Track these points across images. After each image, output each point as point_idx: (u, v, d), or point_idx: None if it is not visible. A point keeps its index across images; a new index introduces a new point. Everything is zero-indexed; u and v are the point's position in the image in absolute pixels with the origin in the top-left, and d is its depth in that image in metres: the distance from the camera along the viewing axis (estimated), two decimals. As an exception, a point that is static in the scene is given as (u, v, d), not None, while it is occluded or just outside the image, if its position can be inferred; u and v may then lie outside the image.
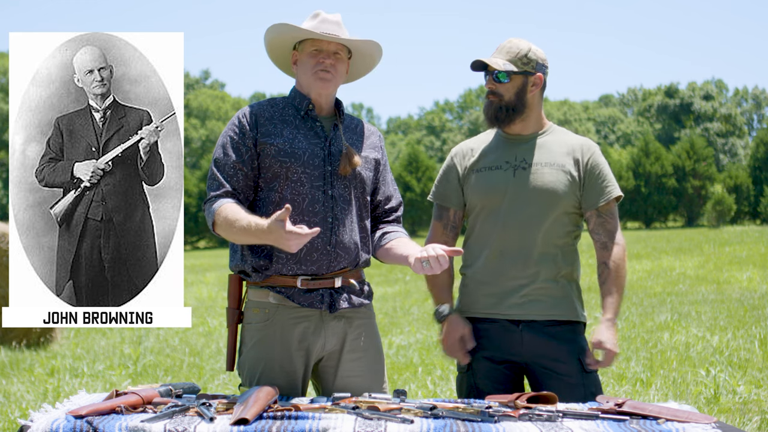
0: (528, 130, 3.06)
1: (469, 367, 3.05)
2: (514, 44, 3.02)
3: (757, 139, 47.25)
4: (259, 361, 2.78)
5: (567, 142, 3.06)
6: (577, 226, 3.05)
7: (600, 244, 3.02)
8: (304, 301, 2.76)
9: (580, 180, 3.00)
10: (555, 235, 2.99)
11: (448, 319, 3.10)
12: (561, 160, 3.01)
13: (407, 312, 11.32)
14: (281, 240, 2.53)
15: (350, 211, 2.82)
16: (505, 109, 3.00)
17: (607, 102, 74.70)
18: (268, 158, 2.76)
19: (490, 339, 3.00)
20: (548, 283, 2.97)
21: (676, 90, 64.74)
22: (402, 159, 42.84)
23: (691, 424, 2.31)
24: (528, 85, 3.01)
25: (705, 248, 20.61)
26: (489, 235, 3.02)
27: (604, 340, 2.93)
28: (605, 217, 3.02)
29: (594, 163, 3.02)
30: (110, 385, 6.74)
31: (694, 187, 43.46)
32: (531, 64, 2.99)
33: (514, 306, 2.96)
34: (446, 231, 3.15)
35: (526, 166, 3.00)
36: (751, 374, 6.36)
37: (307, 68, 2.82)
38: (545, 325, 2.96)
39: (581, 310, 3.04)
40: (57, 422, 2.26)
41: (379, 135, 3.03)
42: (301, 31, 2.79)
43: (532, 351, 2.96)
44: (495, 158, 3.06)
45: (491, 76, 3.01)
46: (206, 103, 62.45)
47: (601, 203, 3.00)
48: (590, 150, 3.04)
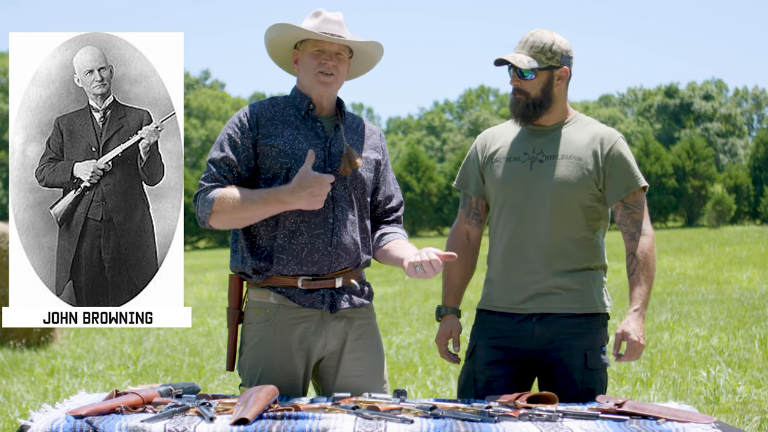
0: (551, 121, 3.01)
1: (471, 353, 3.03)
2: (537, 37, 2.95)
3: (757, 139, 47.26)
4: (260, 361, 2.78)
5: (589, 132, 3.00)
6: (597, 218, 3.00)
7: (628, 235, 2.97)
8: (304, 302, 2.76)
9: (600, 172, 2.95)
10: (571, 229, 2.95)
11: (443, 319, 3.10)
12: (579, 153, 2.96)
13: (407, 312, 11.31)
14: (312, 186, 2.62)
15: (351, 212, 2.81)
16: (533, 105, 2.95)
17: (607, 102, 74.69)
18: (269, 159, 2.76)
19: (498, 330, 2.98)
20: (563, 276, 2.93)
21: (676, 90, 64.73)
22: (402, 159, 42.84)
23: (691, 424, 2.31)
24: (554, 80, 2.95)
25: (705, 248, 20.61)
26: (505, 229, 3.00)
27: (630, 332, 2.87)
28: (632, 208, 2.96)
29: (616, 154, 2.96)
30: (110, 385, 6.73)
31: (694, 187, 43.45)
32: (556, 57, 2.93)
33: (529, 300, 2.94)
34: (468, 218, 3.13)
35: (544, 159, 2.97)
36: (751, 374, 6.36)
37: (309, 69, 2.81)
38: (560, 317, 2.92)
39: (603, 301, 2.99)
40: (57, 422, 2.26)
41: (380, 134, 3.02)
42: (304, 32, 2.78)
43: (540, 342, 2.93)
44: (514, 149, 3.02)
45: (516, 73, 2.95)
46: (206, 103, 62.44)
47: (626, 194, 2.95)
48: (611, 140, 2.98)
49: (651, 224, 3.01)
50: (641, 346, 2.87)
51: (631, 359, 2.89)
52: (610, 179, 2.96)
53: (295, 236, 2.74)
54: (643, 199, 2.99)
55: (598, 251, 3.02)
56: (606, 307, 3.00)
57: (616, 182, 2.95)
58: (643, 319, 2.90)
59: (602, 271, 3.03)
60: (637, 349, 2.87)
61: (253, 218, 2.72)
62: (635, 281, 2.94)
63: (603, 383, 2.96)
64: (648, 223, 3.00)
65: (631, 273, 2.96)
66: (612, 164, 2.95)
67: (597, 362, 2.93)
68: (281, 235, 2.74)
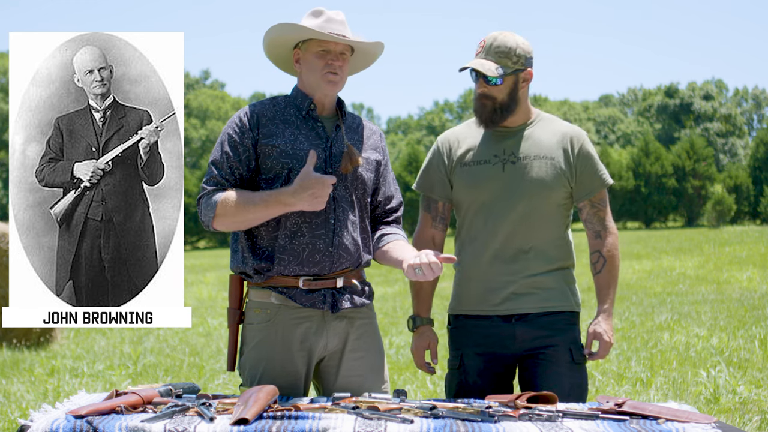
0: (517, 122, 3.02)
1: (460, 364, 3.03)
2: (501, 42, 2.93)
3: (757, 139, 47.25)
4: (261, 361, 2.77)
5: (555, 131, 3.03)
6: (567, 215, 3.04)
7: (593, 233, 3.03)
8: (306, 302, 2.76)
9: (571, 171, 2.98)
10: (546, 228, 2.97)
11: (417, 330, 3.10)
12: (550, 153, 2.98)
13: (407, 312, 11.31)
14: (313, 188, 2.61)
15: (352, 213, 2.81)
16: (500, 110, 2.96)
17: (607, 102, 74.67)
18: (270, 159, 2.75)
19: (482, 336, 2.99)
20: (540, 276, 2.96)
21: (676, 90, 64.74)
22: (402, 159, 42.80)
23: (691, 424, 2.31)
24: (519, 82, 2.96)
25: (705, 248, 20.60)
26: (479, 231, 3.00)
27: (601, 332, 2.96)
28: (598, 206, 3.02)
29: (585, 153, 3.00)
30: (110, 385, 6.74)
31: (694, 187, 43.45)
32: (520, 60, 2.94)
33: (506, 301, 2.95)
34: (435, 223, 3.12)
35: (516, 160, 2.97)
36: (751, 374, 6.36)
37: (314, 69, 2.79)
38: (539, 316, 2.95)
39: (575, 299, 3.03)
40: (57, 422, 2.26)
41: (380, 134, 3.02)
42: (311, 32, 2.76)
43: (524, 343, 2.95)
44: (483, 152, 3.01)
45: (482, 80, 2.94)
46: (206, 103, 62.44)
47: (595, 193, 3.00)
48: (580, 139, 3.02)
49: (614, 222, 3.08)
50: (611, 344, 2.98)
51: (602, 357, 3.00)
52: (580, 178, 3.00)
53: (296, 236, 2.74)
54: (606, 197, 3.06)
55: (570, 249, 3.06)
56: (578, 305, 3.05)
57: (586, 181, 3.00)
58: (612, 318, 2.98)
59: (572, 269, 3.07)
60: (607, 348, 2.98)
61: (255, 220, 2.72)
62: (602, 280, 3.01)
63: (586, 377, 3.01)
64: (611, 221, 3.06)
65: (597, 271, 3.02)
66: (582, 163, 2.99)
67: (580, 356, 2.98)
68: (282, 235, 2.74)
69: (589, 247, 3.04)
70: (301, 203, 2.65)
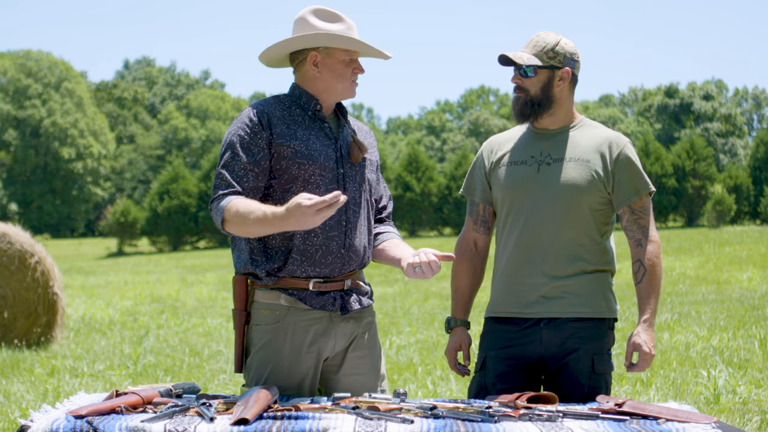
0: (556, 124, 3.00)
1: (482, 366, 3.00)
2: (541, 38, 2.96)
3: (757, 139, 47.19)
4: (268, 363, 2.75)
5: (596, 136, 2.99)
6: (605, 222, 2.98)
7: (634, 241, 2.95)
8: (316, 304, 2.74)
9: (609, 175, 2.93)
10: (579, 232, 2.93)
11: (452, 331, 3.10)
12: (587, 156, 2.94)
13: (407, 312, 11.31)
14: (303, 219, 2.45)
15: (360, 214, 2.81)
16: (531, 104, 2.95)
17: (607, 102, 74.65)
18: (285, 160, 2.72)
19: (507, 339, 2.96)
20: (571, 280, 2.91)
21: (676, 90, 64.69)
22: (402, 159, 42.75)
23: (691, 424, 2.32)
24: (554, 80, 2.94)
25: (705, 248, 20.59)
26: (512, 232, 2.97)
27: (641, 343, 2.87)
28: (639, 213, 2.94)
29: (624, 158, 2.94)
30: (110, 385, 6.74)
31: (694, 187, 43.40)
32: (558, 57, 2.93)
33: (536, 304, 2.92)
34: (476, 226, 3.11)
35: (551, 162, 2.95)
36: (751, 374, 6.36)
37: (341, 76, 2.79)
38: (568, 321, 2.90)
39: (610, 306, 2.97)
40: (57, 422, 2.26)
41: (371, 132, 3.03)
42: (357, 44, 2.75)
43: (549, 348, 2.91)
44: (521, 153, 3.01)
45: (517, 71, 2.96)
46: (206, 103, 62.39)
47: (634, 199, 2.94)
48: (619, 145, 2.96)
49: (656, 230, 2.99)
50: (652, 356, 2.88)
51: (643, 369, 2.90)
52: (618, 184, 2.94)
53: (310, 237, 2.72)
54: (649, 205, 2.97)
55: (606, 255, 2.99)
56: (613, 311, 2.98)
57: (625, 186, 2.94)
58: (653, 329, 2.90)
59: (609, 275, 3.01)
60: (648, 360, 2.88)
61: (257, 233, 2.65)
62: (644, 290, 2.92)
63: (608, 386, 2.95)
64: (654, 229, 2.98)
65: (638, 281, 2.94)
66: (620, 168, 2.94)
67: (603, 366, 2.92)
68: (298, 235, 2.71)
69: (631, 256, 2.97)
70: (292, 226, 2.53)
